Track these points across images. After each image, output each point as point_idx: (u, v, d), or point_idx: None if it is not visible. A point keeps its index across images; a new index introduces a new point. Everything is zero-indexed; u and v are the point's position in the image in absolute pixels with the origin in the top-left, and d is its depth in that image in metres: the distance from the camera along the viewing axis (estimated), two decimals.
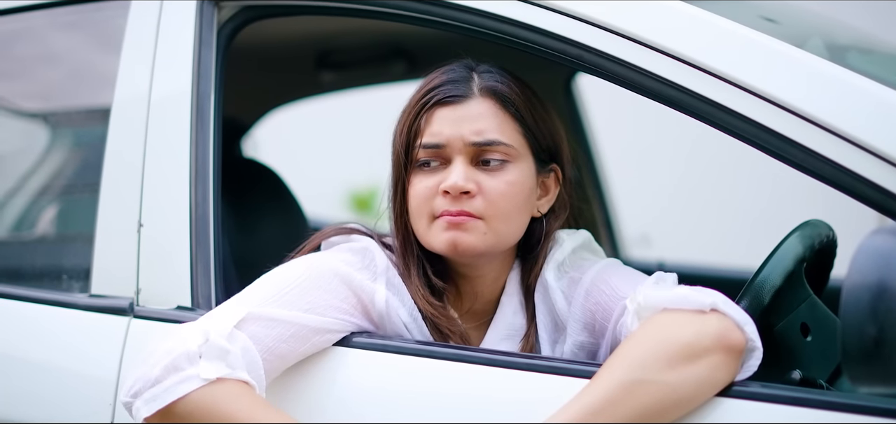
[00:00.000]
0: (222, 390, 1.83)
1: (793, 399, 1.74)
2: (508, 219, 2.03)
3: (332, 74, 3.54)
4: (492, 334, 2.10)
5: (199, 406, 1.83)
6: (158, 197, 2.24)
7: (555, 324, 2.09)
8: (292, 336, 1.94)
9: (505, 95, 2.05)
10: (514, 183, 2.03)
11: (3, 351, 2.32)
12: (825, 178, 1.84)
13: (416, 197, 2.04)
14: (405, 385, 1.98)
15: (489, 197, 2.01)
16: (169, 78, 2.28)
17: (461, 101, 2.04)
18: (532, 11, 2.04)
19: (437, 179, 2.02)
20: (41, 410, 2.20)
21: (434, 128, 2.04)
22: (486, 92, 2.05)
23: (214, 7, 2.31)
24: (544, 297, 2.09)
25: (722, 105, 1.90)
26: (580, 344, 2.05)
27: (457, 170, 2.01)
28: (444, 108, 2.04)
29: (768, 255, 2.06)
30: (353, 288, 2.02)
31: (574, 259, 2.10)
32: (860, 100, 1.85)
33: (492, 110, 2.04)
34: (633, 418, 1.74)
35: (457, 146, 2.02)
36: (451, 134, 2.02)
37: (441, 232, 2.01)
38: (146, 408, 1.84)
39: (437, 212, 2.01)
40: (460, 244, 2.00)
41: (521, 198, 2.04)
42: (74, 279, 2.40)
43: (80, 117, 2.88)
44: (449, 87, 2.05)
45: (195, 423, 1.83)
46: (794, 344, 2.06)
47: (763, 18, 2.31)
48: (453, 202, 2.00)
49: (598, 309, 2.03)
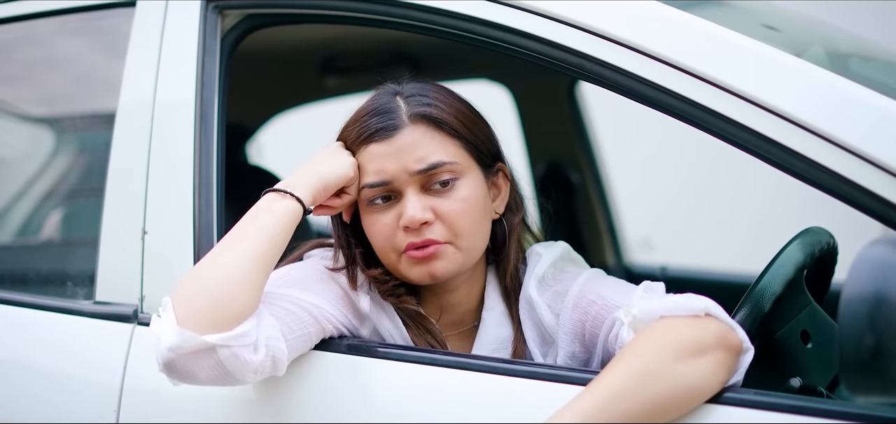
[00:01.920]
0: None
1: (790, 408, 1.74)
2: (473, 234, 2.04)
3: (336, 79, 3.56)
4: (478, 347, 2.11)
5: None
6: (162, 204, 2.24)
7: (542, 338, 2.10)
8: (292, 312, 1.97)
9: (434, 117, 2.05)
10: (468, 198, 2.04)
11: (8, 357, 2.33)
12: (825, 188, 1.84)
13: (378, 236, 2.05)
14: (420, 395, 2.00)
15: (448, 219, 2.02)
16: (173, 85, 2.30)
17: (394, 133, 2.04)
18: (533, 21, 2.04)
19: (394, 214, 2.04)
20: (46, 415, 2.21)
21: (375, 167, 2.04)
22: (416, 118, 2.04)
23: (218, 15, 2.31)
24: (530, 313, 2.10)
25: (722, 114, 1.89)
26: (572, 355, 2.06)
27: (411, 203, 2.01)
28: (378, 144, 2.04)
29: (769, 263, 2.07)
30: (340, 284, 2.06)
31: (555, 272, 2.11)
32: (859, 110, 1.84)
33: (427, 134, 2.04)
34: (645, 407, 1.74)
35: (403, 178, 2.03)
36: (393, 168, 2.03)
37: (413, 266, 2.03)
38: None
39: (402, 248, 2.03)
40: (436, 272, 2.02)
41: (478, 210, 2.05)
42: (79, 285, 2.41)
43: (84, 124, 2.90)
44: (378, 120, 2.05)
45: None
46: (795, 351, 2.07)
47: (765, 26, 2.31)
48: (415, 233, 2.01)
49: (588, 319, 2.03)
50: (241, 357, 1.86)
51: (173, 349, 1.85)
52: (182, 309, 1.86)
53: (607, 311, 2.01)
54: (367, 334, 2.09)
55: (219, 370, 1.86)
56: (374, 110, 2.07)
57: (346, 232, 2.11)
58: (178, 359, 1.85)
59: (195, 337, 1.84)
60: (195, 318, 1.85)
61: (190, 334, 1.84)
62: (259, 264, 1.92)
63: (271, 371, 1.93)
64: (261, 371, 1.91)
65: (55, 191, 3.10)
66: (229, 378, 1.88)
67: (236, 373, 1.88)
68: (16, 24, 2.60)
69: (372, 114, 2.06)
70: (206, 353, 1.85)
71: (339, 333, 2.05)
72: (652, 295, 1.98)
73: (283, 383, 2.01)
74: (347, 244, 2.11)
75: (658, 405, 1.75)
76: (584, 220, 3.84)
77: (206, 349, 1.84)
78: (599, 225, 3.83)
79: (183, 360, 1.85)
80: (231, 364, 1.86)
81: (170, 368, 1.87)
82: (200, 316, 1.85)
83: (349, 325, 2.06)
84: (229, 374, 1.87)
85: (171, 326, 1.85)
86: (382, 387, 2.01)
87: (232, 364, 1.86)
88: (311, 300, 2.00)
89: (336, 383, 2.02)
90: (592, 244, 3.79)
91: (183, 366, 1.86)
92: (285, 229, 1.98)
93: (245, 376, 1.89)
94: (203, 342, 1.84)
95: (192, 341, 1.84)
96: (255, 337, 1.88)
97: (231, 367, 1.86)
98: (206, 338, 1.84)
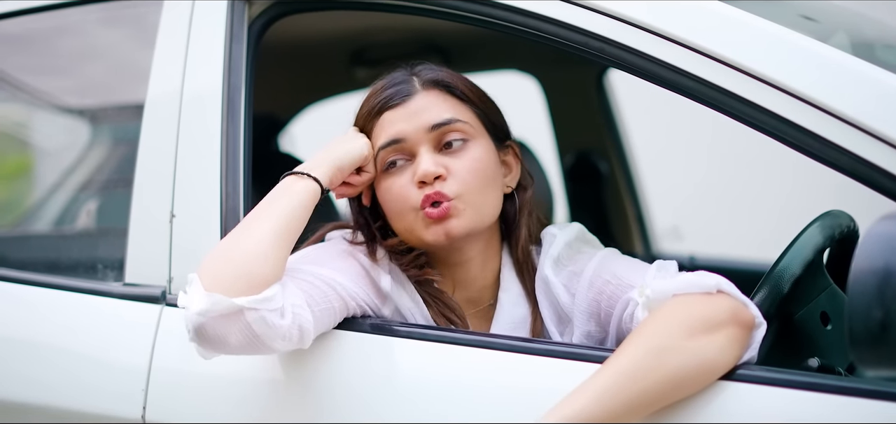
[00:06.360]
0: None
1: (803, 384, 1.75)
2: (483, 193, 2.08)
3: (366, 71, 3.58)
4: (496, 327, 2.14)
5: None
6: (190, 188, 2.28)
7: (559, 317, 2.13)
8: (315, 285, 2.00)
9: (447, 82, 2.12)
10: (479, 158, 2.09)
11: (39, 338, 2.37)
12: (847, 171, 1.85)
13: (394, 198, 2.10)
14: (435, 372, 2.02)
15: (459, 176, 2.06)
16: (201, 72, 2.33)
17: (407, 98, 2.11)
18: (573, 11, 2.05)
19: (408, 174, 2.08)
20: (76, 395, 2.25)
21: (389, 131, 2.10)
22: (429, 84, 2.12)
23: (245, 3, 2.35)
24: (546, 293, 2.13)
25: (753, 102, 1.91)
26: (587, 333, 2.09)
27: (425, 158, 2.07)
28: (392, 110, 2.11)
29: (788, 245, 2.08)
30: (360, 262, 2.09)
31: (570, 252, 2.14)
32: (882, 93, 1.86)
33: (440, 97, 2.11)
34: (659, 384, 1.76)
35: (417, 137, 2.08)
36: (406, 127, 2.09)
37: (429, 227, 2.06)
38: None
39: (418, 203, 2.06)
40: (451, 230, 2.06)
41: (489, 171, 2.10)
42: (109, 268, 2.45)
43: (114, 112, 2.94)
44: (392, 91, 2.12)
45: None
46: (814, 332, 2.07)
47: (803, 17, 2.32)
48: (429, 188, 2.06)
49: (603, 297, 2.06)
50: (268, 321, 1.89)
51: (203, 313, 1.88)
52: (209, 279, 1.90)
53: (622, 290, 2.03)
54: (388, 314, 2.11)
55: (248, 333, 1.89)
56: (388, 84, 2.14)
57: (365, 212, 2.16)
58: (209, 323, 1.89)
59: (224, 300, 1.87)
60: (223, 285, 1.89)
61: (219, 297, 1.88)
62: (281, 237, 1.96)
63: (298, 341, 1.96)
64: (288, 339, 1.94)
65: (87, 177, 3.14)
66: (258, 342, 1.91)
67: (265, 338, 1.90)
68: (46, 13, 2.64)
69: (386, 88, 2.13)
70: (234, 316, 1.88)
71: (361, 311, 2.08)
72: (665, 274, 2.00)
73: (310, 362, 2.04)
74: (366, 223, 2.15)
75: (673, 381, 1.77)
76: (612, 210, 3.85)
77: (234, 311, 1.88)
78: (628, 215, 3.84)
79: (213, 324, 1.89)
80: (259, 327, 1.89)
81: (200, 334, 1.90)
82: (228, 283, 1.89)
83: (371, 303, 2.09)
84: (258, 338, 1.90)
85: (200, 292, 1.89)
86: (407, 366, 2.04)
87: (260, 327, 1.89)
88: (332, 276, 2.03)
89: (360, 361, 2.04)
90: (621, 233, 3.81)
91: (213, 330, 1.89)
92: (304, 207, 2.01)
93: (274, 342, 1.92)
94: (232, 304, 1.87)
95: (222, 303, 1.87)
96: (281, 302, 1.91)
97: (259, 331, 1.89)
98: (235, 301, 1.88)
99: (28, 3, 2.65)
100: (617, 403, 1.74)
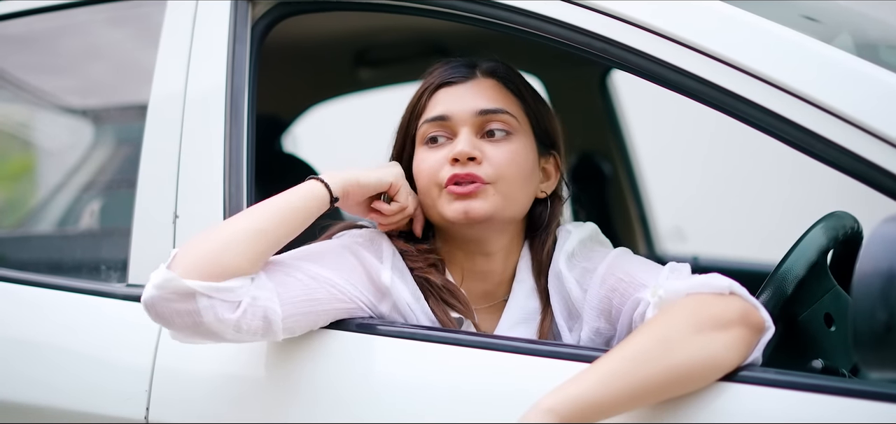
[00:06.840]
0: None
1: (804, 386, 1.75)
2: (513, 185, 2.10)
3: (370, 71, 3.58)
4: (507, 317, 2.15)
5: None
6: (194, 189, 2.28)
7: (569, 312, 2.13)
8: (298, 279, 2.00)
9: (506, 75, 2.16)
10: (518, 152, 2.11)
11: (43, 339, 2.38)
12: (847, 170, 1.85)
13: (424, 171, 2.12)
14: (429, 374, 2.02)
15: (494, 162, 2.08)
16: (204, 73, 2.33)
17: (464, 81, 2.14)
18: (575, 11, 2.06)
19: (444, 152, 2.10)
20: (80, 396, 2.25)
21: (438, 106, 2.13)
22: (487, 72, 2.16)
23: (249, 3, 2.35)
24: (558, 287, 2.14)
25: (755, 102, 1.90)
26: (596, 330, 2.09)
27: (463, 138, 2.09)
28: (447, 89, 2.14)
29: (792, 246, 2.07)
30: (360, 258, 2.09)
31: (584, 249, 2.15)
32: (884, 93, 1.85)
33: (494, 87, 2.14)
34: (663, 375, 1.76)
35: (462, 118, 2.11)
36: (455, 107, 2.11)
37: (451, 202, 2.08)
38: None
39: (445, 180, 2.08)
40: (472, 211, 2.06)
41: (524, 168, 2.12)
42: (112, 269, 2.45)
43: (118, 112, 2.94)
44: (451, 72, 2.16)
45: None
46: (818, 334, 2.07)
47: (805, 18, 2.31)
48: (461, 167, 2.07)
49: (614, 294, 2.06)
50: (218, 313, 1.89)
51: (158, 286, 1.89)
52: (179, 258, 1.91)
53: (634, 289, 2.04)
54: (386, 311, 2.11)
55: (194, 319, 1.90)
56: (449, 65, 2.18)
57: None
58: (159, 299, 1.89)
59: (177, 280, 1.88)
60: (186, 266, 1.89)
61: (173, 276, 1.88)
62: (264, 233, 1.96)
63: (264, 332, 1.95)
64: (248, 331, 1.93)
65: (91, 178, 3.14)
66: (202, 330, 1.91)
67: (212, 327, 1.90)
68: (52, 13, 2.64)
69: (446, 69, 2.18)
70: (186, 298, 1.88)
71: (356, 308, 2.07)
72: (678, 276, 2.00)
73: (318, 362, 2.04)
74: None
75: (677, 372, 1.76)
76: (615, 210, 3.85)
77: (187, 293, 1.88)
78: (631, 216, 3.84)
79: (162, 301, 1.89)
80: (207, 315, 1.89)
81: (149, 307, 1.91)
82: (193, 265, 1.89)
83: (366, 301, 2.08)
84: (202, 326, 1.90)
85: (161, 268, 1.90)
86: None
87: (208, 315, 1.89)
88: (323, 273, 2.03)
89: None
90: (624, 234, 3.80)
91: (162, 307, 1.90)
92: (304, 208, 2.02)
93: (223, 332, 1.92)
94: (184, 285, 1.88)
95: (176, 282, 1.88)
96: (240, 297, 1.91)
97: (206, 319, 1.89)
98: (188, 283, 1.88)
99: (31, 4, 2.65)
100: (620, 387, 1.74)
